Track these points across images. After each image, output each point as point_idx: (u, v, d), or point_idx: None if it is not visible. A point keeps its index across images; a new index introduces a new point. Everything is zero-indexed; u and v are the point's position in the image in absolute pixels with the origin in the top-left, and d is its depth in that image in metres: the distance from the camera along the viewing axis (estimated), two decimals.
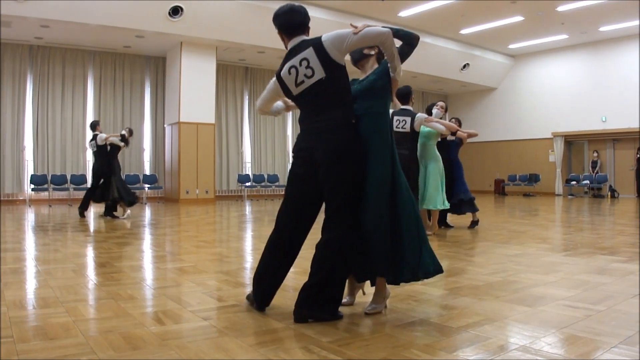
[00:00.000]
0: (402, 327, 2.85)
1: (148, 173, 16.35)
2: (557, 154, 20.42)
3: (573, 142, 20.90)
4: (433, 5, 15.11)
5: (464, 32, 17.88)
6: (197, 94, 15.20)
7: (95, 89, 15.61)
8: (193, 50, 15.00)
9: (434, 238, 6.83)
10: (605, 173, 19.50)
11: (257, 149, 18.32)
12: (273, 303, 3.20)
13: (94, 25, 12.73)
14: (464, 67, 20.04)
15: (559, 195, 20.07)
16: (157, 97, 16.66)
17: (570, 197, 19.49)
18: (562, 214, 11.84)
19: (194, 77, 15.11)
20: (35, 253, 5.63)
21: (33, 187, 14.09)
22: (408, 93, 6.45)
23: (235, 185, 17.63)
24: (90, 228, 8.47)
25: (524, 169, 21.26)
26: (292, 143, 16.59)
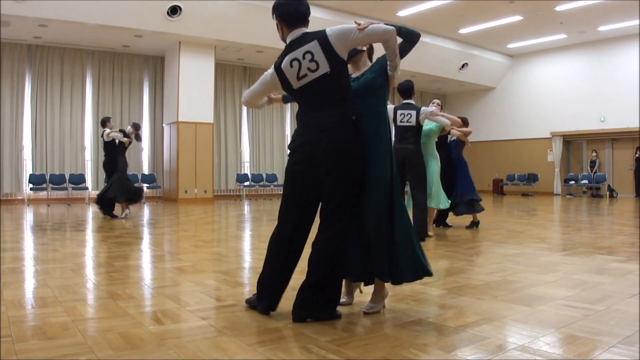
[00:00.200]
0: (400, 326, 2.85)
1: (146, 172, 16.33)
2: (555, 154, 20.44)
3: (572, 141, 20.92)
4: (432, 5, 15.12)
5: (463, 31, 17.89)
6: (195, 94, 15.20)
7: (94, 89, 15.59)
8: (191, 50, 15.00)
9: (433, 237, 6.83)
10: (604, 173, 19.53)
11: (255, 149, 18.32)
12: None
13: (93, 25, 12.73)
14: (463, 66, 20.05)
15: (558, 195, 20.09)
16: (155, 96, 16.65)
17: (569, 196, 19.51)
18: (560, 214, 11.85)
19: (193, 76, 15.11)
20: (34, 252, 5.62)
21: (31, 186, 14.09)
22: (410, 87, 6.38)
23: (234, 185, 17.63)
24: (89, 227, 8.47)
25: (523, 169, 21.28)
26: None
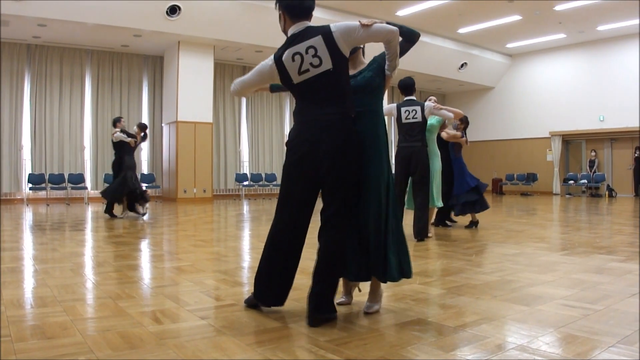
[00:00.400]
0: (399, 326, 2.86)
1: (146, 172, 16.32)
2: (554, 153, 20.45)
3: (571, 141, 20.94)
4: (431, 5, 15.13)
5: (462, 31, 17.89)
6: (194, 93, 15.20)
7: (93, 88, 15.59)
8: (191, 50, 15.00)
9: (433, 237, 6.82)
10: (603, 172, 19.54)
11: (254, 148, 18.33)
12: None
13: (92, 25, 12.73)
14: (462, 66, 20.06)
15: (557, 195, 20.10)
16: (154, 96, 16.65)
17: (568, 196, 19.52)
18: (559, 213, 11.85)
19: (192, 76, 15.11)
20: (33, 252, 5.62)
21: (31, 186, 14.09)
22: (412, 84, 6.33)
23: (233, 185, 17.63)
24: (88, 227, 8.47)
25: (522, 168, 21.29)
26: None
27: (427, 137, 6.71)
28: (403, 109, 6.31)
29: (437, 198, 6.96)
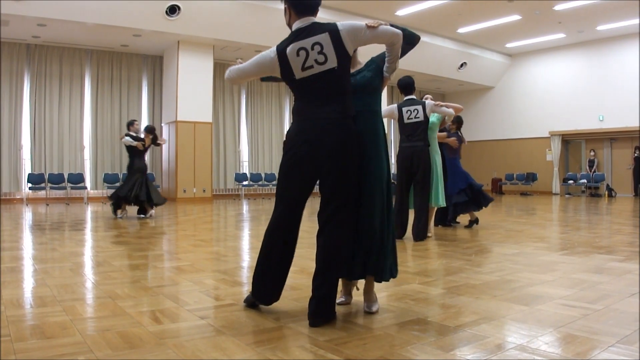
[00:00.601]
0: (399, 326, 2.85)
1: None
2: (554, 153, 20.46)
3: (570, 141, 20.94)
4: (430, 4, 15.12)
5: (461, 31, 17.89)
6: (194, 93, 15.19)
7: (93, 88, 15.59)
8: (190, 49, 15.00)
9: (432, 237, 6.82)
10: (603, 172, 19.55)
11: (254, 148, 18.32)
12: None
13: (91, 24, 12.72)
14: (462, 66, 20.06)
15: (557, 195, 20.11)
16: (154, 95, 16.64)
17: (568, 196, 19.52)
18: (559, 213, 11.85)
19: (191, 76, 15.11)
20: (33, 252, 5.62)
21: (30, 186, 14.08)
22: (412, 83, 6.25)
23: (233, 184, 17.63)
24: (88, 227, 8.46)
25: (522, 168, 21.29)
26: None
27: (429, 134, 6.65)
28: (404, 109, 6.25)
29: (440, 197, 6.83)
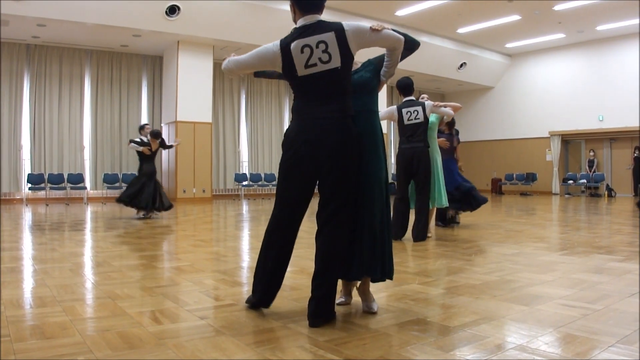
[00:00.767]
0: (399, 326, 2.85)
1: None
2: (554, 153, 20.46)
3: (570, 141, 20.95)
4: (430, 5, 15.13)
5: (461, 31, 17.89)
6: (194, 93, 15.19)
7: (92, 88, 15.59)
8: (190, 50, 14.99)
9: (432, 237, 6.82)
10: (602, 172, 19.55)
11: (254, 148, 18.32)
12: None
13: (91, 25, 12.73)
14: (461, 66, 20.06)
15: (556, 195, 20.11)
16: (154, 96, 16.64)
17: (568, 196, 19.52)
18: (559, 213, 11.85)
19: (191, 76, 15.11)
20: (33, 252, 5.62)
21: (30, 186, 14.08)
22: (411, 84, 6.15)
23: (232, 185, 17.63)
24: (88, 227, 8.46)
25: (521, 168, 21.30)
26: None
27: (430, 134, 6.63)
28: (404, 111, 6.21)
29: (443, 197, 6.79)
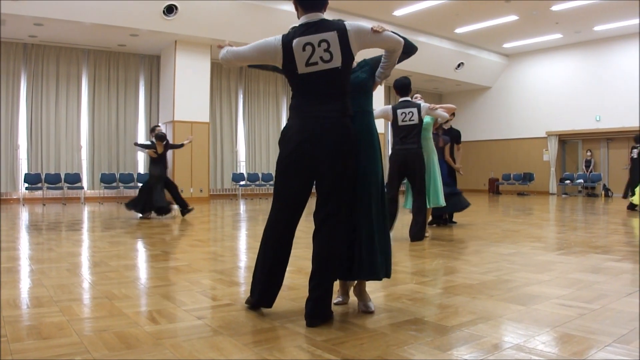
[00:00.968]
0: (396, 325, 2.86)
1: (142, 172, 16.28)
2: (551, 153, 20.48)
3: (567, 141, 20.97)
4: (428, 5, 15.13)
5: (459, 31, 17.90)
6: (191, 93, 15.17)
7: (90, 88, 15.55)
8: (187, 49, 14.97)
9: (429, 237, 6.82)
10: (599, 172, 19.59)
11: (251, 148, 18.30)
12: None
13: (88, 24, 12.70)
14: (459, 66, 20.07)
15: (553, 194, 20.14)
16: (151, 95, 16.61)
17: (564, 196, 19.55)
18: (556, 213, 11.87)
19: (189, 75, 15.09)
20: (29, 252, 5.60)
21: (27, 186, 14.05)
22: (409, 84, 6.09)
23: (230, 184, 17.61)
24: (85, 227, 8.45)
25: (518, 168, 21.32)
26: None
27: (424, 135, 6.61)
28: (399, 112, 6.15)
29: (440, 197, 6.76)
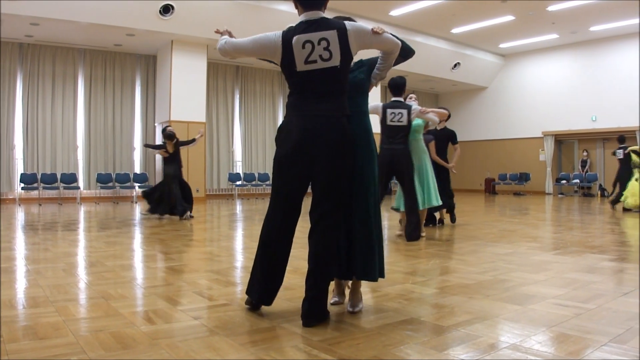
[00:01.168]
0: (392, 325, 2.86)
1: (138, 172, 16.28)
2: (547, 153, 20.53)
3: (563, 141, 21.02)
4: (424, 5, 15.16)
5: (455, 31, 17.93)
6: (187, 93, 15.15)
7: (86, 87, 15.52)
8: (184, 49, 14.96)
9: (425, 237, 6.83)
10: (595, 172, 19.63)
11: (247, 148, 18.30)
12: None
13: (85, 24, 12.68)
14: (455, 66, 20.10)
15: (549, 194, 20.18)
16: (147, 95, 16.60)
17: (561, 196, 19.59)
18: (552, 213, 11.90)
19: (185, 75, 15.07)
20: (25, 252, 5.59)
21: (23, 185, 14.02)
22: (403, 83, 6.03)
23: (226, 184, 17.59)
24: (81, 227, 8.44)
25: (515, 168, 21.36)
26: None
27: (415, 136, 6.64)
28: (389, 111, 6.11)
29: (434, 197, 6.76)
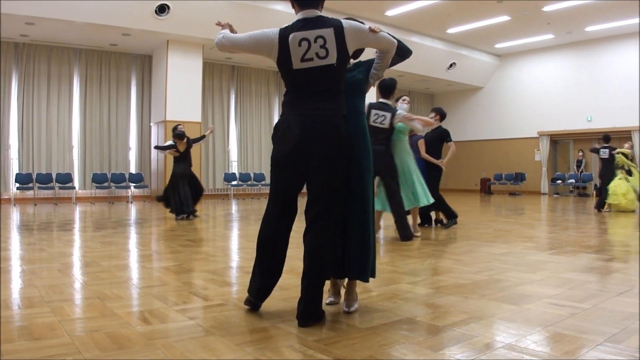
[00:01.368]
0: (388, 325, 2.86)
1: (134, 172, 16.25)
2: (542, 153, 20.57)
3: (559, 141, 21.08)
4: (420, 5, 15.17)
5: (451, 31, 17.95)
6: (183, 93, 15.13)
7: (81, 87, 15.48)
8: (179, 49, 14.94)
9: (420, 237, 6.84)
10: (591, 172, 19.68)
11: (243, 148, 18.28)
12: None
13: (80, 23, 12.65)
14: (451, 66, 20.12)
15: (545, 194, 20.23)
16: (143, 95, 16.56)
17: (556, 195, 19.64)
18: (547, 213, 11.92)
19: (181, 75, 15.05)
20: (21, 252, 5.57)
21: (18, 186, 13.97)
22: (393, 85, 5.95)
23: (222, 184, 17.57)
24: (76, 227, 8.41)
25: (510, 168, 21.40)
26: None
27: (400, 137, 6.63)
28: (373, 112, 6.10)
29: (422, 196, 6.77)
